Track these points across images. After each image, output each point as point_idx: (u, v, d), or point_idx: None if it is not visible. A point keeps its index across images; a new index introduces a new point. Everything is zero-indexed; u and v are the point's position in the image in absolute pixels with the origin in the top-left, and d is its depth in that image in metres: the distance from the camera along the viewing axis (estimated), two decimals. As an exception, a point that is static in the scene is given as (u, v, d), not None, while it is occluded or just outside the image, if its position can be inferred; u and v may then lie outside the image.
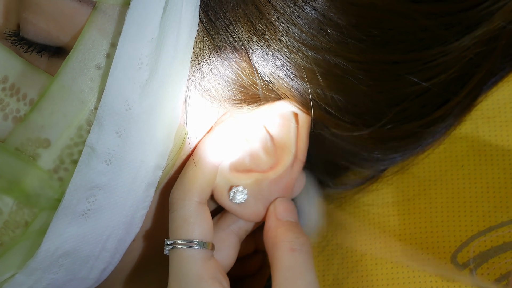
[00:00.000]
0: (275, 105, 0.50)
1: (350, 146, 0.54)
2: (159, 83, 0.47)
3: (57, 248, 0.50)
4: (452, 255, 0.52)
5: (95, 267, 0.52)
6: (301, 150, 0.52)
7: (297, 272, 0.51)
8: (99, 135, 0.47)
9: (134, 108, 0.47)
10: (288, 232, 0.52)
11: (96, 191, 0.49)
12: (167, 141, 0.49)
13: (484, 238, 0.52)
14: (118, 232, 0.51)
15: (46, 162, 0.49)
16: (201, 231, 0.50)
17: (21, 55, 0.49)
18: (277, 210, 0.53)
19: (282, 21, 0.48)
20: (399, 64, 0.51)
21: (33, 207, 0.50)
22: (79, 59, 0.47)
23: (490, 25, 0.53)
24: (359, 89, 0.50)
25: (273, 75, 0.49)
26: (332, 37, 0.49)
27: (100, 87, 0.48)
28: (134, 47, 0.46)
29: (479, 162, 0.54)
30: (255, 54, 0.48)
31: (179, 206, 0.51)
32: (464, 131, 0.55)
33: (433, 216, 0.54)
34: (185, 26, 0.47)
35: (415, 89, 0.52)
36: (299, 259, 0.51)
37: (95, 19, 0.47)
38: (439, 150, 0.56)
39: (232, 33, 0.48)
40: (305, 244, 0.52)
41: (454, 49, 0.52)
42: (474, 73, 0.54)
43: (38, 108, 0.48)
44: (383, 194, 0.57)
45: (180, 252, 0.50)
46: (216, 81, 0.49)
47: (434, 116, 0.54)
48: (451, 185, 0.54)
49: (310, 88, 0.49)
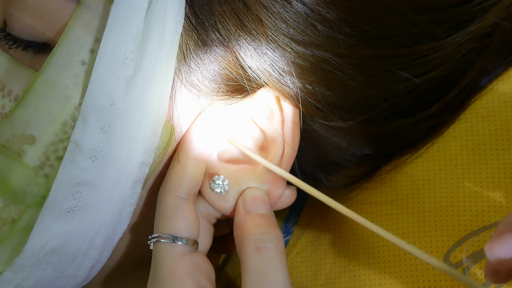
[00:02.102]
0: (259, 95, 0.50)
1: (341, 142, 0.54)
2: (144, 79, 0.47)
3: (43, 245, 0.49)
4: (445, 254, 0.52)
5: (83, 264, 0.52)
6: (289, 141, 0.51)
7: (262, 276, 0.47)
8: (84, 131, 0.47)
9: (118, 104, 0.47)
10: (253, 228, 0.49)
11: (82, 187, 0.48)
12: (153, 137, 0.49)
13: (477, 238, 0.51)
14: (105, 229, 0.50)
15: (31, 158, 0.49)
16: (178, 225, 0.49)
17: (7, 51, 0.49)
18: (244, 201, 0.51)
19: (269, 16, 0.47)
20: (389, 59, 0.51)
21: (19, 204, 0.50)
22: (64, 54, 0.47)
23: (483, 22, 0.52)
24: (348, 85, 0.50)
25: (261, 70, 0.49)
26: (321, 32, 0.48)
27: (85, 83, 0.47)
28: (119, 42, 0.46)
29: (473, 161, 0.54)
30: (243, 50, 0.48)
31: (159, 201, 0.50)
32: (458, 129, 0.55)
33: (426, 215, 0.53)
34: (170, 22, 0.47)
35: (407, 85, 0.52)
36: (264, 259, 0.48)
37: (80, 15, 0.47)
38: (433, 148, 0.55)
39: (219, 28, 0.48)
40: (272, 240, 0.48)
41: (447, 45, 0.51)
42: (467, 70, 0.54)
43: (23, 104, 0.48)
44: (377, 193, 0.56)
45: (156, 246, 0.50)
46: (202, 75, 0.49)
47: (427, 113, 0.54)
48: (444, 184, 0.54)
49: (298, 83, 0.49)
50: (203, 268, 0.50)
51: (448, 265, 0.45)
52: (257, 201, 0.51)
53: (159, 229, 0.50)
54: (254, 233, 0.49)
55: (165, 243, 0.49)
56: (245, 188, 0.51)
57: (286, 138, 0.51)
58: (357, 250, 0.55)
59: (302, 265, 0.57)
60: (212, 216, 0.53)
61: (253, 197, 0.51)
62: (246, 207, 0.50)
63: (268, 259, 0.48)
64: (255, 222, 0.49)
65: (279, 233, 0.49)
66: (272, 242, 0.49)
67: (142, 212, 0.52)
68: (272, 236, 0.49)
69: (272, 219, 0.50)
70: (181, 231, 0.49)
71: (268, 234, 0.49)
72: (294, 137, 0.51)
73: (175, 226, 0.49)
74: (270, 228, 0.49)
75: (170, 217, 0.49)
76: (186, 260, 0.49)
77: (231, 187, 0.51)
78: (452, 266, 0.51)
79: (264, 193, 0.51)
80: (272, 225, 0.50)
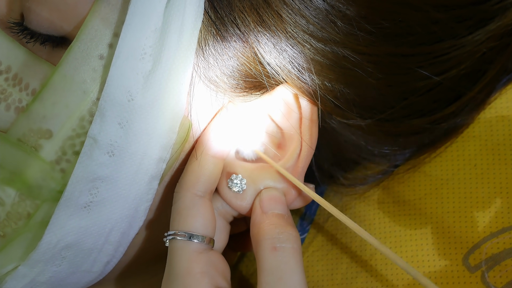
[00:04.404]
0: (277, 92, 0.50)
1: (359, 140, 0.54)
2: (163, 74, 0.47)
3: (59, 240, 0.49)
4: (463, 256, 0.51)
5: (98, 260, 0.52)
6: (307, 139, 0.50)
7: (278, 276, 0.47)
8: (101, 126, 0.47)
9: (136, 99, 0.47)
10: (270, 228, 0.49)
11: (99, 183, 0.48)
12: (170, 133, 0.49)
13: (497, 240, 0.51)
14: (121, 225, 0.50)
15: (48, 153, 0.49)
16: (194, 223, 0.49)
17: (24, 45, 0.49)
18: (261, 201, 0.50)
19: (289, 12, 0.47)
20: (409, 57, 0.50)
21: (35, 199, 0.50)
22: (82, 48, 0.47)
23: (504, 20, 0.52)
24: (367, 82, 0.50)
25: (280, 67, 0.48)
26: (341, 29, 0.48)
27: (103, 78, 0.47)
28: (137, 37, 0.46)
29: (492, 161, 0.53)
30: (262, 46, 0.48)
31: (175, 198, 0.50)
32: (478, 129, 0.55)
33: (444, 216, 0.53)
34: (189, 16, 0.47)
35: (426, 84, 0.51)
36: (281, 259, 0.47)
37: (98, 9, 0.47)
38: (452, 148, 0.55)
39: (238, 24, 0.47)
40: (289, 240, 0.48)
41: (467, 43, 0.51)
42: (487, 69, 0.53)
43: (40, 98, 0.48)
44: (394, 193, 0.56)
45: (172, 243, 0.49)
46: (221, 71, 0.49)
47: (446, 112, 0.53)
48: (463, 184, 0.53)
49: (317, 80, 0.49)
50: (219, 266, 0.50)
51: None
52: (273, 201, 0.50)
53: (175, 226, 0.50)
54: (270, 233, 0.49)
55: (181, 241, 0.49)
56: (262, 187, 0.51)
57: (304, 136, 0.50)
58: (375, 250, 0.54)
59: (318, 264, 0.56)
60: (229, 214, 0.53)
61: (270, 197, 0.51)
62: (263, 207, 0.50)
63: (284, 259, 0.48)
64: (272, 221, 0.49)
65: (295, 232, 0.49)
66: (289, 241, 0.48)
67: (159, 209, 0.52)
68: (289, 235, 0.49)
69: (288, 219, 0.50)
70: (197, 229, 0.49)
71: (285, 233, 0.49)
72: (312, 135, 0.51)
73: (191, 224, 0.49)
74: (286, 228, 0.49)
75: (186, 215, 0.49)
76: (202, 258, 0.49)
77: (249, 186, 0.51)
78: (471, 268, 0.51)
79: (281, 193, 0.51)
80: (288, 224, 0.50)
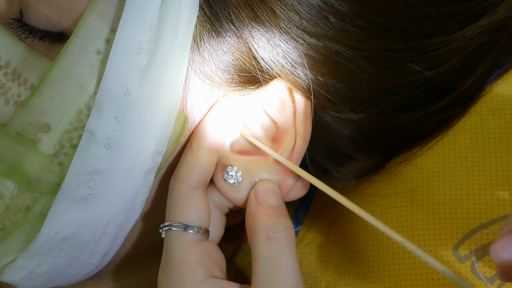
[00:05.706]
0: (272, 87, 0.50)
1: (352, 134, 0.54)
2: (159, 68, 0.47)
3: (57, 232, 0.50)
4: (454, 247, 0.52)
5: (95, 252, 0.52)
6: (301, 133, 0.51)
7: (273, 265, 0.47)
8: (98, 119, 0.48)
9: (133, 93, 0.47)
10: (264, 218, 0.49)
11: (96, 176, 0.49)
12: (166, 127, 0.49)
13: (486, 231, 0.51)
14: (118, 217, 0.51)
15: (46, 146, 0.49)
16: (189, 214, 0.50)
17: (23, 41, 0.50)
18: (256, 193, 0.51)
19: (283, 8, 0.48)
20: (400, 52, 0.51)
21: (33, 192, 0.50)
22: (79, 44, 0.48)
23: (494, 15, 0.52)
24: (360, 77, 0.50)
25: (274, 61, 0.49)
26: (334, 24, 0.48)
27: (100, 72, 0.48)
28: (134, 32, 0.46)
29: (482, 154, 0.54)
30: (256, 41, 0.48)
31: (170, 190, 0.51)
32: (469, 123, 0.55)
33: (435, 208, 0.53)
34: (185, 12, 0.47)
35: (418, 78, 0.52)
36: (275, 249, 0.48)
37: (96, 4, 0.47)
38: (443, 141, 0.55)
39: (232, 19, 0.48)
40: (283, 230, 0.49)
41: (458, 39, 0.52)
42: (478, 64, 0.54)
43: (38, 92, 0.49)
44: (386, 185, 0.56)
45: (167, 234, 0.50)
46: (216, 66, 0.49)
47: (437, 106, 0.54)
48: (454, 177, 0.54)
49: (310, 74, 0.49)
50: (214, 256, 0.50)
51: (444, 265, 0.45)
52: (268, 193, 0.51)
53: (170, 217, 0.50)
54: (265, 223, 0.49)
55: (176, 231, 0.50)
56: (257, 179, 0.51)
57: (298, 129, 0.51)
58: (366, 242, 0.55)
59: (311, 256, 0.57)
60: (225, 206, 0.53)
61: (265, 189, 0.51)
62: (258, 198, 0.51)
63: (278, 248, 0.48)
64: (266, 212, 0.50)
65: (290, 223, 0.50)
66: (283, 232, 0.49)
67: (155, 201, 0.53)
68: (283, 226, 0.49)
69: (283, 210, 0.51)
70: (192, 219, 0.50)
71: (279, 224, 0.49)
72: (306, 129, 0.51)
73: (186, 215, 0.50)
74: (281, 219, 0.50)
75: (182, 206, 0.50)
76: (197, 248, 0.49)
77: (244, 178, 0.51)
78: (461, 258, 0.51)
79: (276, 185, 0.52)
80: (283, 215, 0.50)
